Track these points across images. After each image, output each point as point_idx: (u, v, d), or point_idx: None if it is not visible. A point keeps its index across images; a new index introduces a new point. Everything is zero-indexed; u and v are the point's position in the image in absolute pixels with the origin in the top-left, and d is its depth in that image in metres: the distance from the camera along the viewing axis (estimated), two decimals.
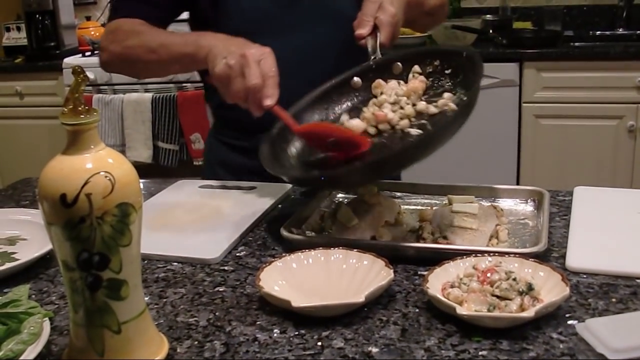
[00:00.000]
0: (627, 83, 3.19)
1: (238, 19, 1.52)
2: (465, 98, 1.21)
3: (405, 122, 1.21)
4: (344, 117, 1.29)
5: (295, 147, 1.29)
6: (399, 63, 1.35)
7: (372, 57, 1.35)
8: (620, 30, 3.76)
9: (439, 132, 1.14)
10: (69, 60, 3.68)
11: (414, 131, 1.20)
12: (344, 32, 1.51)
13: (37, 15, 3.91)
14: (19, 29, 4.16)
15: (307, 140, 1.27)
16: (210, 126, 1.82)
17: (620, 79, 3.18)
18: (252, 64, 1.19)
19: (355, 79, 1.37)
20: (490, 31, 3.64)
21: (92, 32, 4.03)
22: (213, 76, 1.25)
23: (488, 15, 3.87)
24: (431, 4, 1.62)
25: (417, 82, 1.26)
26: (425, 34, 3.56)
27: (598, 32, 3.77)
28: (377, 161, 1.13)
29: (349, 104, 1.36)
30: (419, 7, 1.54)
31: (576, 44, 3.56)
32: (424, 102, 1.23)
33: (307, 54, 1.54)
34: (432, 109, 1.21)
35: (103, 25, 4.24)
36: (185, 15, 1.63)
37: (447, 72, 1.30)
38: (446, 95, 1.23)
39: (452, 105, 1.20)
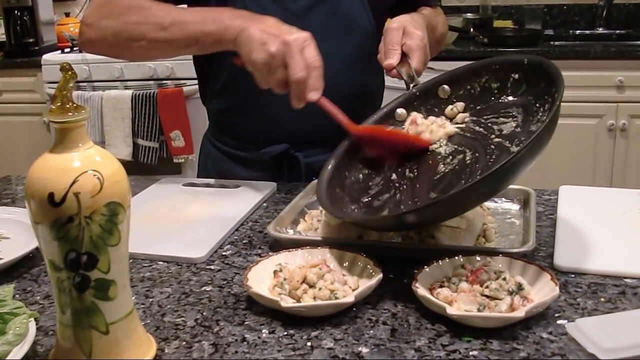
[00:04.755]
0: (607, 82, 3.21)
1: None
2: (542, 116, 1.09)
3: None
4: None
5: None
6: (445, 86, 1.25)
7: (412, 85, 1.27)
8: (600, 30, 3.78)
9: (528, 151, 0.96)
10: (47, 57, 3.64)
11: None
12: (357, 45, 1.48)
13: (16, 11, 3.86)
14: None
15: (365, 144, 1.21)
16: (206, 130, 1.71)
17: (600, 78, 3.20)
18: (295, 54, 1.11)
19: (399, 110, 1.28)
20: (471, 30, 3.65)
21: (72, 29, 3.98)
22: (250, 63, 1.15)
23: (469, 14, 3.89)
24: (441, 30, 1.59)
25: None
26: None
27: (578, 32, 3.80)
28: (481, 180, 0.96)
29: None
30: (433, 33, 1.47)
31: (556, 43, 3.58)
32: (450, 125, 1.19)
33: None
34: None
35: None
36: None
37: (508, 85, 1.19)
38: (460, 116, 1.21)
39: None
